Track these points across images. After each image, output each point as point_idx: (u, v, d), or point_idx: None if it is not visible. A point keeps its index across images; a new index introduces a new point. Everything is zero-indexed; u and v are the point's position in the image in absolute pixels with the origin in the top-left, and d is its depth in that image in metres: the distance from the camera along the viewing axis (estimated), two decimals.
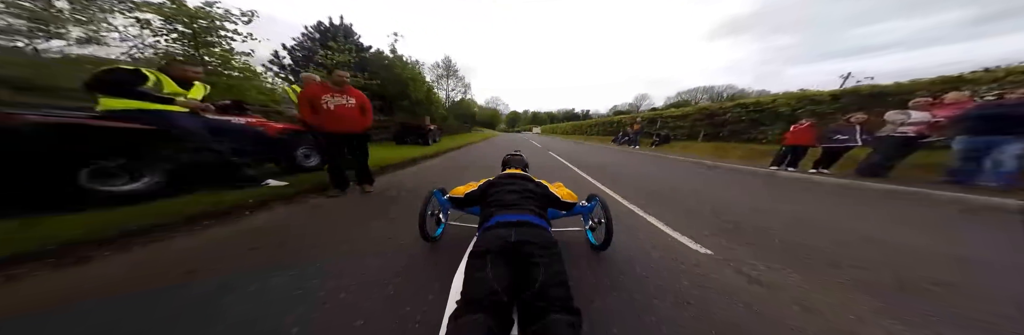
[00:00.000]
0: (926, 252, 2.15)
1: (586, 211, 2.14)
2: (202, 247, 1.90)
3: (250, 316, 1.21)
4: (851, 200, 3.88)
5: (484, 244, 1.20)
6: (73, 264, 1.59)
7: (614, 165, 7.28)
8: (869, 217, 3.08)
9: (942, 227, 2.80)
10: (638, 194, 3.87)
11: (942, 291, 1.59)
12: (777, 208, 3.35)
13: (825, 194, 4.27)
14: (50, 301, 1.28)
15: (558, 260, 1.14)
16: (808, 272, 1.77)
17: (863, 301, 1.47)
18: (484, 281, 1.02)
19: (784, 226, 2.68)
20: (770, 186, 4.92)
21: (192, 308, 1.26)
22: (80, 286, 1.41)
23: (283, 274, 1.55)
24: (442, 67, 42.17)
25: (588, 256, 1.92)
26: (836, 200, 3.88)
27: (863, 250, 2.16)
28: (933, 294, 1.56)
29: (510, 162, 2.54)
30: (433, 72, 40.36)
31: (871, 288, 1.59)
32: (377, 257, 1.81)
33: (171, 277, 1.50)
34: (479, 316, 0.88)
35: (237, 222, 2.36)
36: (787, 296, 1.50)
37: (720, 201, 3.60)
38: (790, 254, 2.04)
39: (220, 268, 1.60)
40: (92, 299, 1.30)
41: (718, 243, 2.22)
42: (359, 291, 1.42)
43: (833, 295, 1.52)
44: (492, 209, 1.52)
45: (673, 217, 2.85)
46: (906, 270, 1.83)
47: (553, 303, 0.95)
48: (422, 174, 5.31)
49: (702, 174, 6.21)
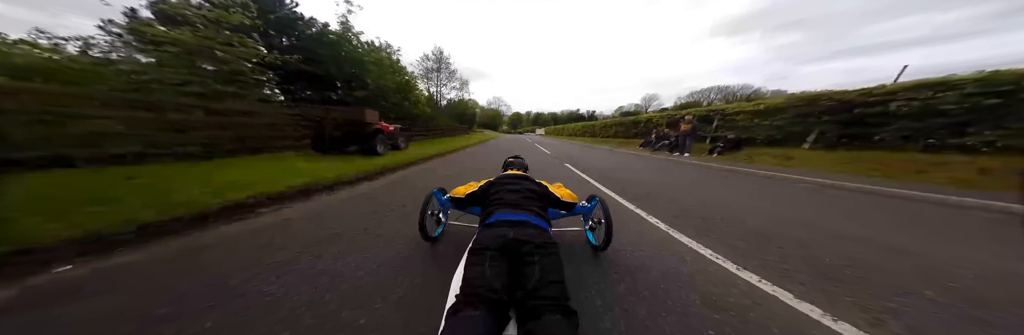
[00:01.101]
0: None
1: (586, 211, 2.17)
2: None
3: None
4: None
5: (484, 241, 1.23)
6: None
7: (722, 203, 3.61)
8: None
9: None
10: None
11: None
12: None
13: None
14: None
15: (554, 260, 1.16)
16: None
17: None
18: (482, 277, 1.05)
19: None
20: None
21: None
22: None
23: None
24: (433, 59, 37.73)
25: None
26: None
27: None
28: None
29: (511, 165, 2.61)
30: (422, 65, 36.26)
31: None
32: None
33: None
34: (476, 312, 0.90)
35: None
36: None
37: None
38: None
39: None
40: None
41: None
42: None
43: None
44: (494, 207, 1.56)
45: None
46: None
47: (548, 302, 0.96)
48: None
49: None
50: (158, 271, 1.64)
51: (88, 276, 1.58)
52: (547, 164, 7.40)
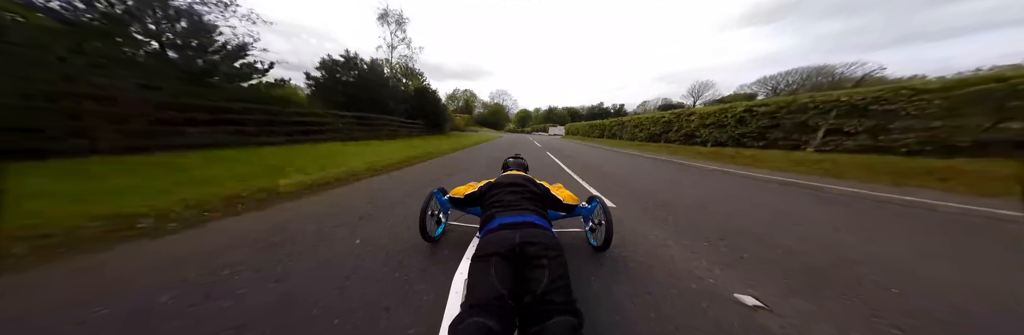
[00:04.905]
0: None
1: (587, 212, 2.31)
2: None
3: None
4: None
5: (488, 247, 1.26)
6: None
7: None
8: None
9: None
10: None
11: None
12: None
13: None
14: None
15: (562, 263, 1.20)
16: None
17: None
18: (490, 285, 1.08)
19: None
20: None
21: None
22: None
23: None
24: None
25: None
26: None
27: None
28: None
29: (511, 165, 2.69)
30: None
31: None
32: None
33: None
34: (482, 320, 0.92)
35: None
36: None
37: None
38: None
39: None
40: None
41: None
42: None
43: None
44: (493, 211, 1.63)
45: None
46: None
47: (558, 306, 1.00)
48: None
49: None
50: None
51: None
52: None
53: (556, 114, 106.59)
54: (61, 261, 1.95)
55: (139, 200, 3.06)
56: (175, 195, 3.31)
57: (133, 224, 2.52)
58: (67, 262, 1.95)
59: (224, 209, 3.11)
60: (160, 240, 2.35)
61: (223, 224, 2.75)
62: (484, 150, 13.44)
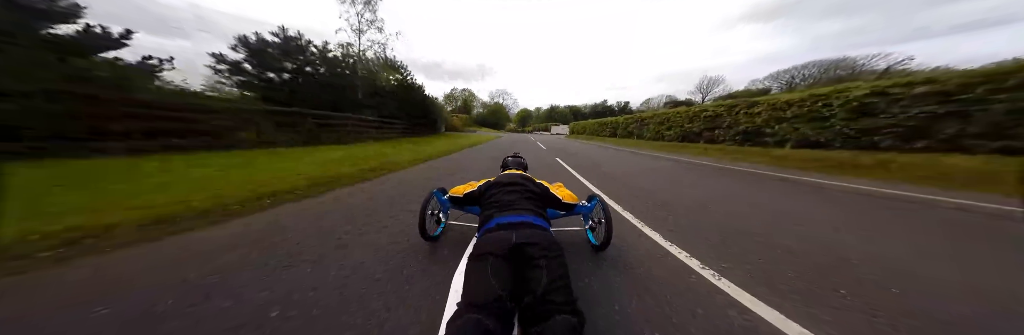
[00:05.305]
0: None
1: (586, 211, 2.28)
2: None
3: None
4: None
5: (485, 247, 1.25)
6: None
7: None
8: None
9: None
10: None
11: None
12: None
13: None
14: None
15: (561, 262, 1.18)
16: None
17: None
18: (487, 285, 1.05)
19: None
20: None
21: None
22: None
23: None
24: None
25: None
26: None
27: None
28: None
29: (510, 164, 2.68)
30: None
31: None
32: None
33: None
34: (479, 318, 0.90)
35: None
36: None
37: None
38: None
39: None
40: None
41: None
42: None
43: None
44: (491, 211, 1.61)
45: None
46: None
47: (557, 306, 0.98)
48: None
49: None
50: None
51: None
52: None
53: (558, 113, 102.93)
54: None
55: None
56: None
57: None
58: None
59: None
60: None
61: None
62: (463, 162, 8.99)
